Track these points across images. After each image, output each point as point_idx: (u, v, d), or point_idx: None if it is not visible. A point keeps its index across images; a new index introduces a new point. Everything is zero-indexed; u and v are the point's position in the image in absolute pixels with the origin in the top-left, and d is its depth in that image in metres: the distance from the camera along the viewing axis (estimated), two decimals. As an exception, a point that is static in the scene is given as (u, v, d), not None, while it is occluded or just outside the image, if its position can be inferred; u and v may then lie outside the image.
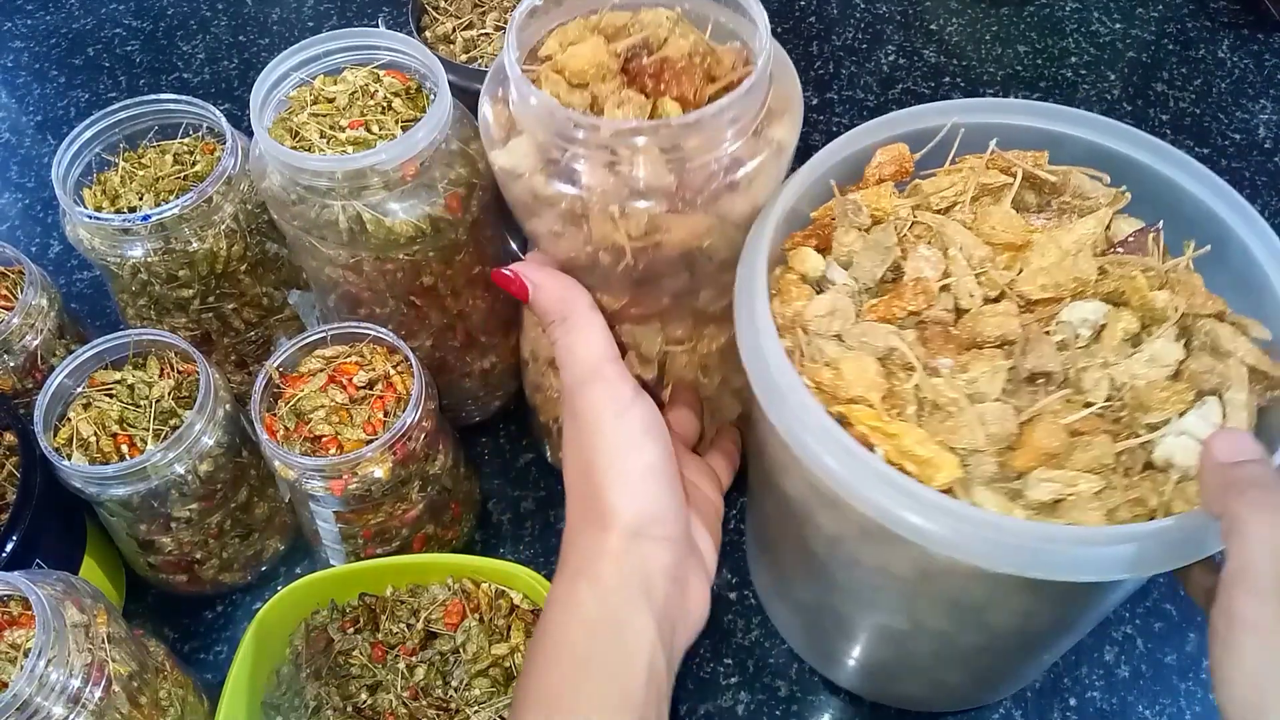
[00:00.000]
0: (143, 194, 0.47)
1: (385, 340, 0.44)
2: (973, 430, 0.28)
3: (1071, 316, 0.30)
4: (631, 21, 0.37)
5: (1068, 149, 0.35)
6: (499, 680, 0.43)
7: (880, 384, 0.29)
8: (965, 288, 0.31)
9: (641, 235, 0.34)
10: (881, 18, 0.75)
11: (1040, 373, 0.29)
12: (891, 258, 0.32)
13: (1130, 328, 0.29)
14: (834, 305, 0.31)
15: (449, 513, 0.48)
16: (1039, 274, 0.30)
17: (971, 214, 0.33)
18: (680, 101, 0.34)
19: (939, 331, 0.30)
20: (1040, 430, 0.28)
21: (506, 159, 0.35)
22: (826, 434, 0.28)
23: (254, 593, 0.49)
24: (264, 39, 0.75)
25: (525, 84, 0.33)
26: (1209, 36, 0.73)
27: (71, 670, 0.34)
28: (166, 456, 0.41)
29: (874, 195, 0.33)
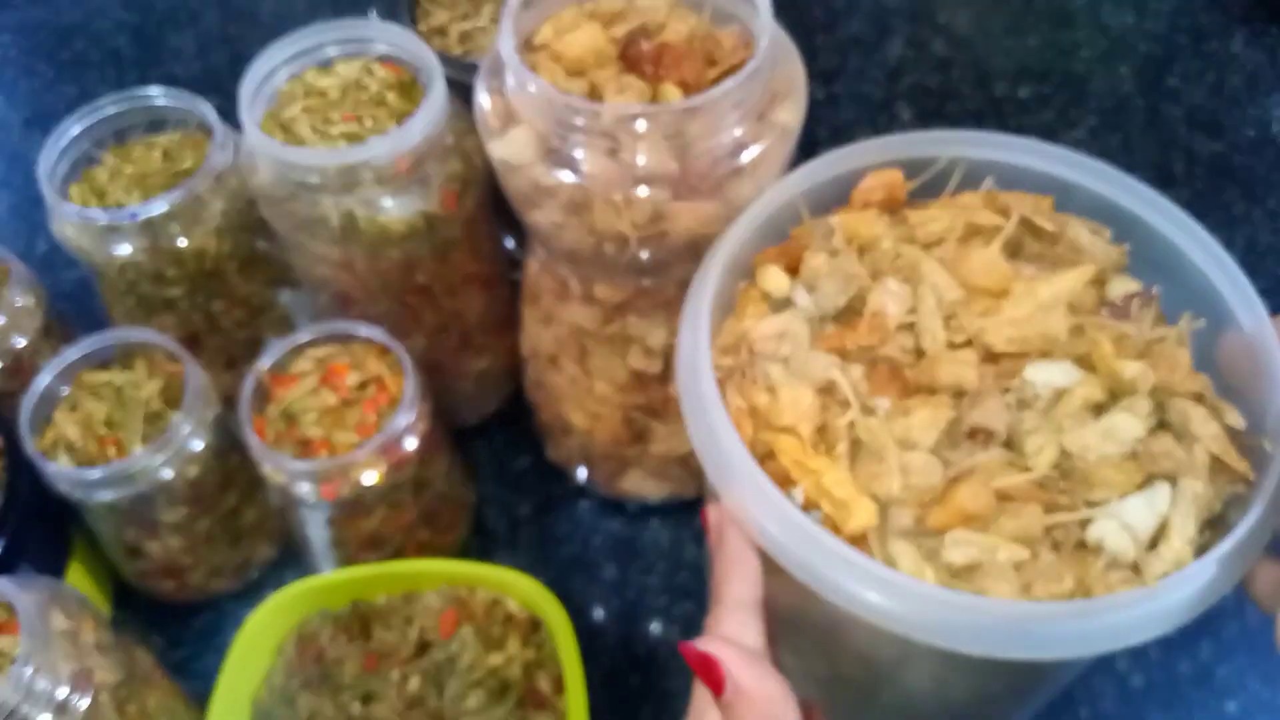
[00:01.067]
0: (130, 190, 0.46)
1: (378, 340, 0.43)
2: (892, 478, 0.26)
3: (1035, 376, 0.28)
4: (627, 6, 0.36)
5: (1077, 199, 0.33)
6: (495, 690, 0.42)
7: (814, 416, 0.28)
8: (929, 329, 0.29)
9: (646, 223, 0.33)
10: (889, 9, 0.74)
11: (982, 429, 0.27)
12: (854, 287, 0.30)
13: (1093, 396, 0.28)
14: (785, 328, 0.30)
15: (443, 518, 0.47)
16: (1007, 326, 0.29)
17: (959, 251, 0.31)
18: (681, 86, 0.33)
19: (887, 371, 0.28)
20: (964, 490, 0.26)
21: (505, 149, 0.34)
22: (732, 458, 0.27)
23: (243, 600, 0.48)
24: (255, 31, 0.73)
25: (523, 70, 0.32)
26: (1222, 30, 0.72)
27: (57, 678, 0.33)
28: (154, 460, 0.40)
29: (855, 220, 0.32)
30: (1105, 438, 0.27)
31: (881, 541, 0.26)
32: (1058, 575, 0.25)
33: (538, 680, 0.42)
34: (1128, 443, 0.27)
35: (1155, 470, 0.27)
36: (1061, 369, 0.28)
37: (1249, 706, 0.45)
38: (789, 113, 0.35)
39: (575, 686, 0.39)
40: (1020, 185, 0.33)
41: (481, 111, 0.35)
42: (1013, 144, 0.33)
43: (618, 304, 0.39)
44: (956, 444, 0.27)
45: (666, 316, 0.40)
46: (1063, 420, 0.27)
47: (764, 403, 0.28)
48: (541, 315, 0.43)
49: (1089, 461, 0.27)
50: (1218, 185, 0.63)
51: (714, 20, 0.36)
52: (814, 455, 0.27)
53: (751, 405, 0.29)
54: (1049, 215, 0.32)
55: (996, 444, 0.27)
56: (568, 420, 0.46)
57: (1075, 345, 0.29)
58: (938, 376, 0.28)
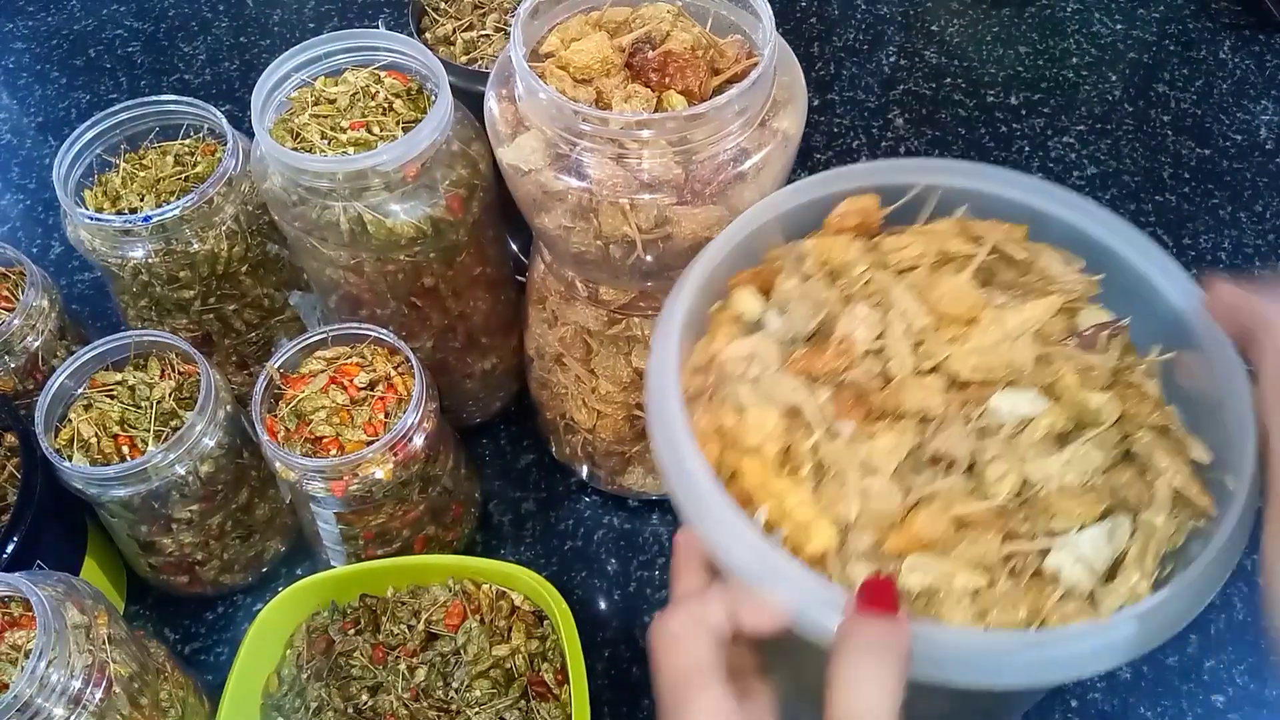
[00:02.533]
0: (144, 195, 0.47)
1: (386, 341, 0.44)
2: (851, 503, 0.26)
3: (1001, 404, 0.28)
4: (633, 16, 0.37)
5: (1051, 229, 0.32)
6: (500, 682, 0.43)
7: (779, 438, 0.28)
8: (897, 354, 0.29)
9: (651, 228, 0.34)
10: (883, 19, 0.75)
11: (944, 456, 0.27)
12: (823, 311, 0.30)
13: (1057, 425, 0.27)
14: (754, 350, 0.30)
15: (450, 514, 0.48)
16: (973, 354, 0.29)
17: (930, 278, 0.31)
18: (685, 94, 0.34)
19: (852, 395, 0.28)
20: (923, 515, 0.26)
21: (514, 155, 0.35)
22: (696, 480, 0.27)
23: (255, 594, 0.49)
24: (265, 40, 0.75)
25: (532, 78, 0.33)
26: (1210, 37, 0.73)
27: (72, 671, 0.34)
28: (167, 457, 0.41)
29: (828, 245, 0.32)
30: (1067, 468, 0.27)
31: (841, 563, 0.26)
32: (1013, 604, 0.25)
33: (542, 671, 0.43)
34: (1089, 473, 0.27)
35: (1116, 502, 0.27)
36: (1027, 398, 0.28)
37: (1236, 699, 0.45)
38: (790, 120, 0.36)
39: (578, 677, 0.40)
40: (995, 214, 0.33)
41: (491, 118, 0.36)
42: (988, 173, 0.33)
43: (622, 305, 0.40)
44: (919, 469, 0.27)
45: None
46: (1026, 449, 0.27)
47: (731, 423, 0.28)
48: (547, 316, 0.44)
49: (1050, 491, 0.26)
50: (1205, 190, 0.64)
51: (716, 30, 0.37)
52: (777, 478, 0.27)
53: (719, 426, 0.29)
54: (1022, 244, 0.32)
55: (958, 471, 0.27)
56: (572, 418, 0.46)
57: (1042, 374, 0.28)
58: (904, 401, 0.28)
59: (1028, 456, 0.27)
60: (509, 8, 0.53)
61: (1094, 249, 0.32)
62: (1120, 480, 0.27)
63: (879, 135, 0.67)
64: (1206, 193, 0.64)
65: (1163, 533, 0.26)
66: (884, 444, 0.27)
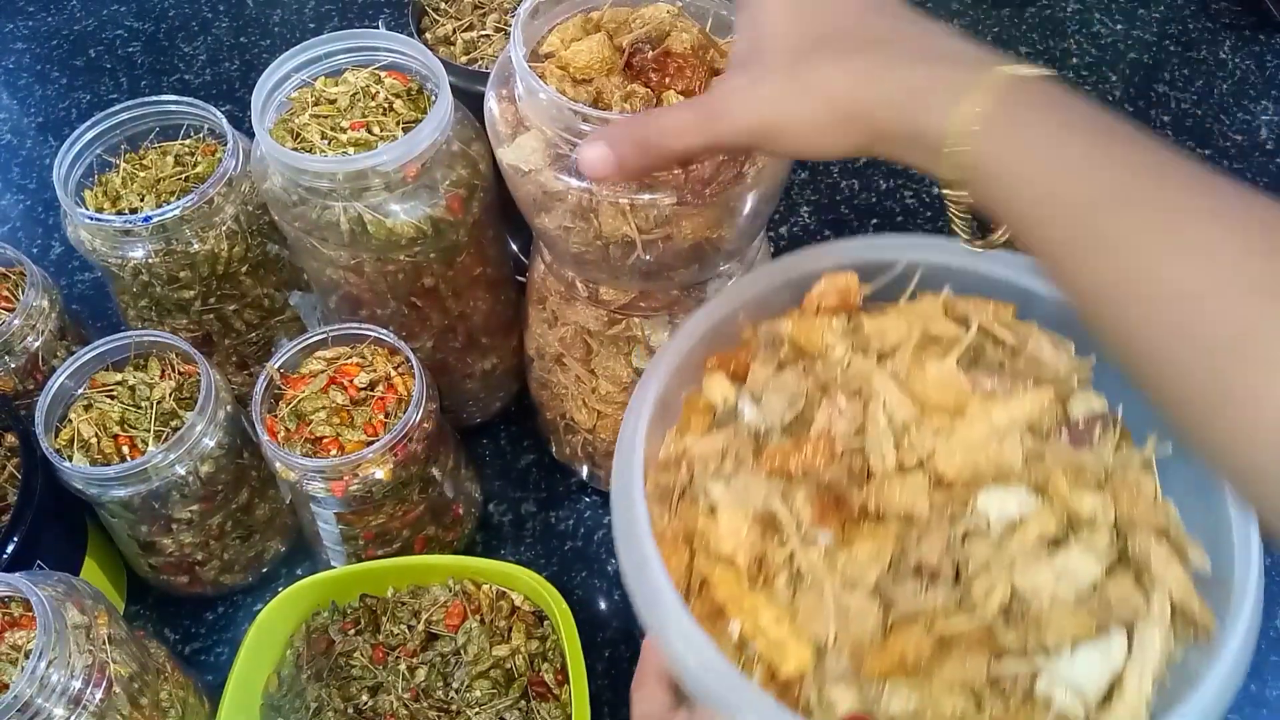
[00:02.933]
0: (144, 195, 0.47)
1: (386, 341, 0.44)
2: (828, 622, 0.25)
3: (988, 504, 0.26)
4: (633, 16, 0.37)
5: (1040, 307, 0.31)
6: (500, 682, 0.43)
7: (753, 547, 0.26)
8: (879, 450, 0.27)
9: (651, 228, 0.34)
10: (883, 19, 0.75)
11: (928, 567, 0.26)
12: (800, 402, 0.29)
13: (1048, 530, 0.26)
14: (727, 445, 0.28)
15: (450, 514, 0.48)
16: (959, 451, 0.27)
17: (914, 364, 0.29)
18: (684, 94, 0.34)
19: (831, 498, 0.27)
20: (905, 637, 0.24)
21: (514, 155, 0.35)
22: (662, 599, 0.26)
23: (255, 594, 0.49)
24: (265, 40, 0.75)
25: (533, 78, 0.33)
26: (1210, 37, 0.73)
27: (72, 672, 0.34)
28: (167, 458, 0.41)
29: (805, 328, 0.30)
30: (1059, 578, 0.25)
31: (818, 685, 0.25)
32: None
33: (542, 671, 0.43)
34: (1084, 584, 0.25)
35: (1112, 619, 0.25)
36: (1016, 497, 0.26)
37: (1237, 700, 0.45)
38: None
39: (578, 677, 0.40)
40: (981, 291, 0.31)
41: (491, 118, 0.36)
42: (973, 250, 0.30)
43: (623, 305, 0.40)
44: (902, 580, 0.26)
45: (669, 317, 0.41)
46: (1015, 555, 0.25)
47: (702, 526, 0.27)
48: (547, 317, 0.44)
49: (1041, 603, 0.25)
50: (1206, 190, 0.64)
51: (716, 30, 0.37)
52: (750, 592, 0.26)
53: (689, 529, 0.27)
54: (1010, 325, 0.30)
55: (944, 583, 0.26)
56: (572, 418, 0.46)
57: (1031, 473, 0.27)
58: (886, 502, 0.26)
59: (1017, 565, 0.25)
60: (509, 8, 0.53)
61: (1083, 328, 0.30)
62: (1115, 594, 0.25)
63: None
64: (1207, 193, 0.64)
65: (1161, 650, 0.25)
66: (864, 554, 0.26)
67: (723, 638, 0.26)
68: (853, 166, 0.66)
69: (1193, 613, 0.25)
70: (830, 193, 0.64)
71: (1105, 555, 0.26)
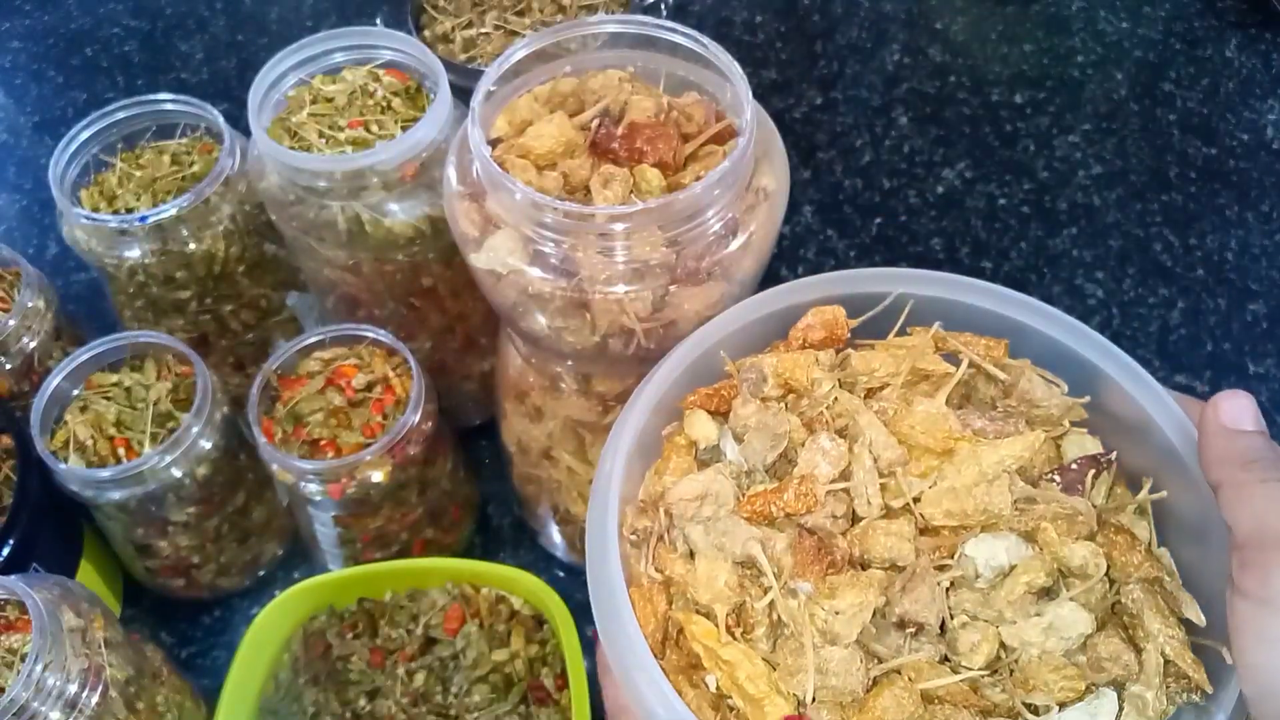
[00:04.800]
0: (140, 195, 0.46)
1: (384, 342, 0.44)
2: (807, 679, 0.24)
3: (976, 552, 0.25)
4: (579, 86, 0.35)
5: (1033, 343, 0.30)
6: (499, 686, 0.42)
7: (731, 596, 0.26)
8: (864, 493, 0.26)
9: (650, 314, 0.32)
10: (886, 16, 0.75)
11: (912, 620, 0.25)
12: (781, 445, 0.28)
13: (1037, 581, 0.25)
14: (707, 489, 0.27)
15: (448, 517, 0.48)
16: (946, 495, 0.26)
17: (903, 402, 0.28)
18: (660, 166, 0.32)
19: (813, 546, 0.26)
20: (887, 696, 0.24)
21: (488, 259, 0.32)
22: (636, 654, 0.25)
23: (252, 597, 0.49)
24: (262, 38, 0.74)
25: (507, 179, 0.30)
26: (1216, 36, 0.72)
27: (68, 675, 0.34)
28: (164, 460, 0.41)
29: (790, 363, 0.29)
30: (1048, 633, 0.24)
31: None
32: None
33: (541, 676, 0.43)
34: (1073, 639, 0.25)
35: (1102, 677, 0.24)
36: (1004, 544, 0.25)
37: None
38: (771, 176, 0.33)
39: (578, 682, 0.39)
40: (973, 325, 0.30)
41: (455, 221, 0.33)
42: (964, 284, 0.31)
43: (618, 394, 0.37)
44: (885, 631, 0.25)
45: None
46: (1004, 607, 0.25)
47: (680, 573, 0.26)
48: (528, 411, 0.41)
49: (1030, 658, 0.24)
50: (1211, 189, 0.64)
51: (670, 89, 0.35)
52: (727, 645, 0.25)
53: (666, 576, 0.27)
54: (1002, 363, 0.29)
55: (929, 636, 0.25)
56: (568, 511, 0.44)
57: (1021, 520, 0.26)
58: (870, 548, 0.26)
59: (1005, 617, 0.25)
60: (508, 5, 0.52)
61: (1077, 364, 0.29)
62: (1105, 652, 0.25)
63: (883, 134, 0.67)
64: (1213, 192, 0.63)
65: (1153, 710, 0.24)
66: (846, 605, 0.25)
67: (700, 690, 0.25)
68: (856, 165, 0.65)
69: (1186, 669, 0.25)
70: (833, 192, 0.64)
71: (1097, 608, 0.25)
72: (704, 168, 0.33)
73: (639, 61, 0.35)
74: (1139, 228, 0.62)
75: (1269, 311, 0.58)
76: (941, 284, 0.31)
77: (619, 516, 0.27)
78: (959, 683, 0.24)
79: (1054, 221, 0.62)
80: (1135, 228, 0.62)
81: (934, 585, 0.25)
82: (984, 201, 0.63)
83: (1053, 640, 0.25)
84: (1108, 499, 0.28)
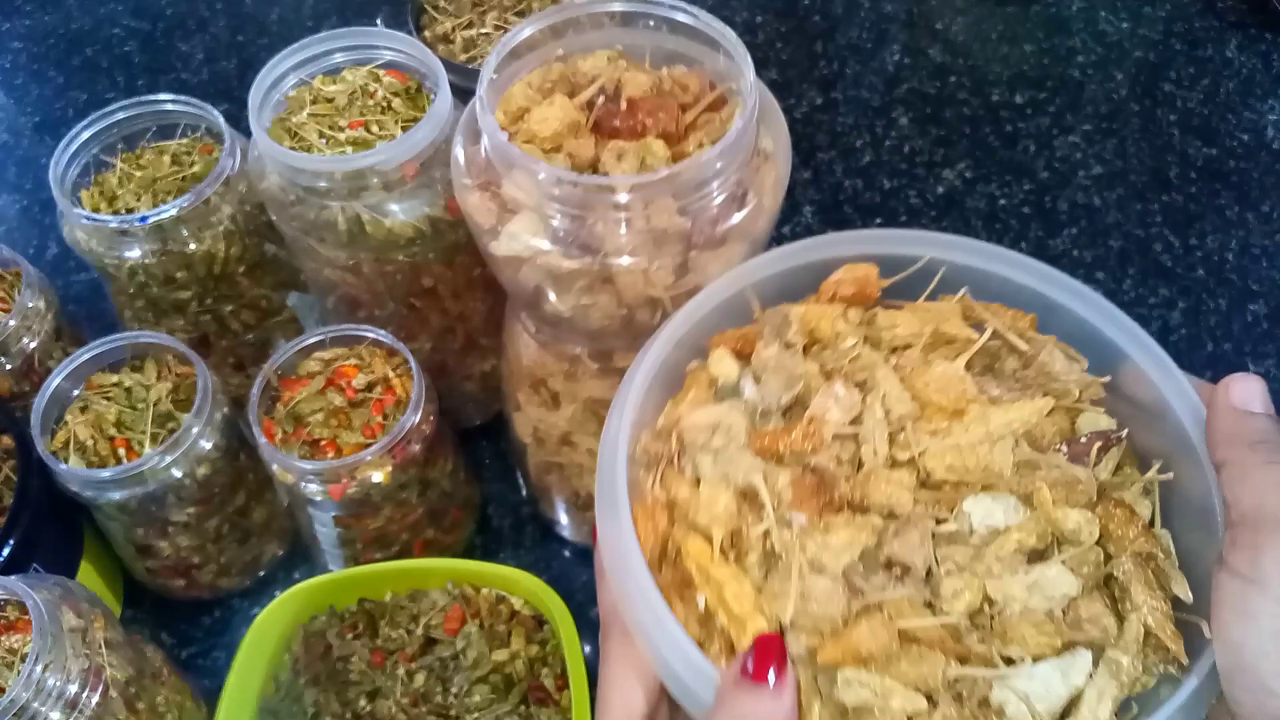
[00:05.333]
0: (140, 195, 0.46)
1: (384, 343, 0.44)
2: (788, 603, 0.25)
3: (974, 509, 0.26)
4: (569, 70, 0.35)
5: (1063, 321, 0.30)
6: (499, 687, 0.42)
7: (729, 521, 0.26)
8: (872, 441, 0.27)
9: (674, 282, 0.33)
10: (886, 16, 0.75)
11: (899, 563, 0.25)
12: (796, 386, 0.28)
13: (1029, 541, 0.26)
14: (720, 420, 0.28)
15: (449, 517, 0.48)
16: (949, 452, 0.26)
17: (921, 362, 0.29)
18: (664, 138, 0.33)
19: (814, 483, 0.26)
20: (864, 626, 0.24)
21: (509, 245, 0.32)
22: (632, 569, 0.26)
23: (252, 598, 0.49)
24: (263, 39, 0.74)
25: (529, 160, 0.31)
26: (1217, 36, 0.72)
27: (68, 675, 0.34)
28: (164, 460, 0.41)
29: (817, 314, 0.30)
30: (1032, 590, 0.25)
31: None
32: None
33: (542, 676, 0.43)
34: (1057, 599, 0.25)
35: (1080, 637, 0.25)
36: (1002, 505, 0.26)
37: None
38: (771, 136, 0.34)
39: (579, 682, 0.39)
40: (1004, 297, 0.31)
41: (471, 215, 0.33)
42: (998, 254, 0.31)
43: None
44: (873, 572, 0.26)
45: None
46: (993, 563, 0.25)
47: (684, 496, 0.27)
48: (545, 399, 0.41)
49: (1011, 613, 0.25)
50: (1212, 190, 0.64)
51: (655, 63, 0.36)
52: (719, 564, 0.26)
53: (670, 498, 0.27)
54: (1027, 334, 0.30)
55: (914, 580, 0.25)
56: (588, 495, 0.44)
57: (1021, 482, 0.26)
58: (870, 494, 0.26)
59: (993, 571, 0.25)
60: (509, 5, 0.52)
61: (1104, 347, 0.29)
62: (1087, 613, 0.25)
63: (883, 134, 0.67)
64: (1213, 192, 0.63)
65: (1127, 675, 0.24)
66: (838, 541, 0.25)
67: (689, 606, 0.26)
68: (856, 166, 0.65)
69: (1165, 641, 0.25)
70: (833, 192, 0.64)
71: (1089, 577, 0.26)
72: (704, 135, 0.33)
73: (624, 40, 0.36)
74: (1139, 228, 0.62)
75: (1269, 311, 0.58)
76: (977, 253, 0.31)
77: (634, 437, 0.28)
78: (937, 626, 0.25)
79: (1054, 222, 0.62)
80: (1135, 228, 0.62)
81: (925, 532, 0.26)
82: (984, 202, 0.63)
83: (1036, 598, 0.25)
84: (1115, 475, 0.28)
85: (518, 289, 0.35)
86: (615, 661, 0.26)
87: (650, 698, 0.26)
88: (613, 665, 0.26)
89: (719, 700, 0.23)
